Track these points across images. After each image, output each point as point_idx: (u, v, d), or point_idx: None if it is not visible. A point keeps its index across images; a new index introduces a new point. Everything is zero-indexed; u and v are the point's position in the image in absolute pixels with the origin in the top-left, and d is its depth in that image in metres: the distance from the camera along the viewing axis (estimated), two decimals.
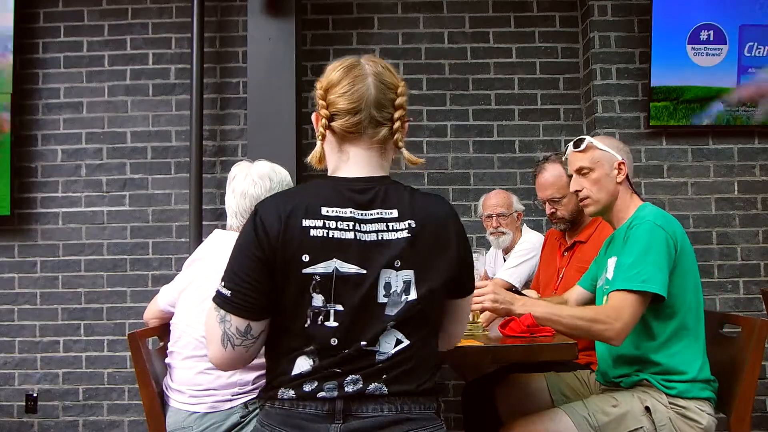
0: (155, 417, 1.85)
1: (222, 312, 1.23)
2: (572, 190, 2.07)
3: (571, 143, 2.09)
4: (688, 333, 1.86)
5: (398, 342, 1.23)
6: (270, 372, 1.28)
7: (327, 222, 1.21)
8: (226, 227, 2.01)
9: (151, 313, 2.07)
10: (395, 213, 1.25)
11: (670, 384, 1.85)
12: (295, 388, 1.22)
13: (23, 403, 3.66)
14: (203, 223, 3.58)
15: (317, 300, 1.20)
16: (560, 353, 1.65)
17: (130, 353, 1.88)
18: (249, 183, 1.94)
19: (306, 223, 1.20)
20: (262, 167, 1.99)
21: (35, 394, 3.65)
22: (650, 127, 3.57)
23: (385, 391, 1.22)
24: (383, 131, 1.31)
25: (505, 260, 3.14)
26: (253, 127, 3.43)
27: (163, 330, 2.05)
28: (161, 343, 2.04)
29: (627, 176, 2.01)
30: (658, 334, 1.86)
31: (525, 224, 3.24)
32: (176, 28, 3.79)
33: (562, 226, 2.66)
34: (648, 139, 3.61)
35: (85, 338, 3.69)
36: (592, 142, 2.02)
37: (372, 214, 1.24)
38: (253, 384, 1.82)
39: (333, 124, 1.31)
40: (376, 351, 1.22)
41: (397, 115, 1.32)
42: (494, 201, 3.13)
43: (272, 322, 1.25)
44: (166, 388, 1.89)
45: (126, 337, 1.90)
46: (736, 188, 3.61)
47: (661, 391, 1.85)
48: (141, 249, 3.71)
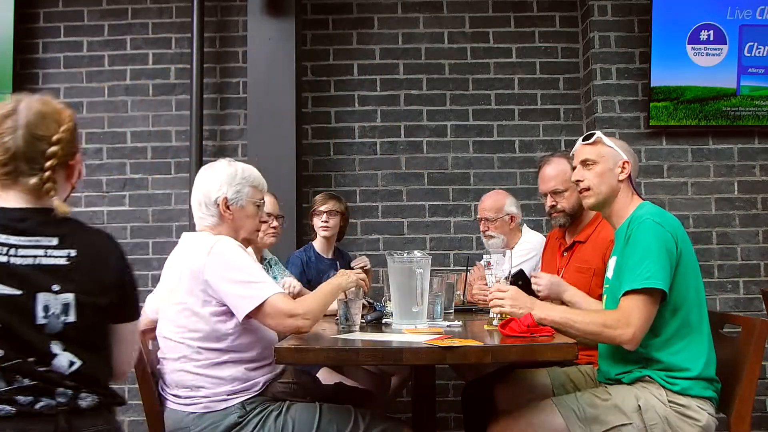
0: (155, 417, 1.85)
1: None
2: (574, 179, 2.10)
3: (581, 137, 2.12)
4: (690, 330, 1.86)
5: (71, 363, 1.30)
6: None
7: None
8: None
9: (143, 324, 2.06)
10: (55, 241, 1.32)
11: (673, 380, 1.85)
12: None
13: None
14: None
15: None
16: (560, 353, 1.65)
17: None
18: (202, 178, 1.98)
19: None
20: (218, 163, 2.01)
21: None
22: (650, 127, 3.57)
23: (55, 407, 1.28)
24: (33, 181, 1.34)
25: None
26: (252, 127, 3.44)
27: None
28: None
29: (630, 176, 2.03)
30: (660, 331, 1.86)
31: (525, 224, 3.24)
32: (176, 28, 3.79)
33: (561, 220, 2.61)
34: (648, 139, 3.61)
35: None
36: (601, 138, 2.06)
37: (29, 240, 1.30)
38: (247, 382, 1.82)
39: None
40: (47, 369, 1.28)
41: (47, 165, 1.34)
42: (484, 204, 3.12)
43: None
44: (163, 390, 1.89)
45: None
46: (736, 188, 3.61)
47: (663, 387, 1.85)
48: (141, 249, 3.71)
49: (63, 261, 1.32)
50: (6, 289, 1.27)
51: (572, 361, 2.12)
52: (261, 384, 1.85)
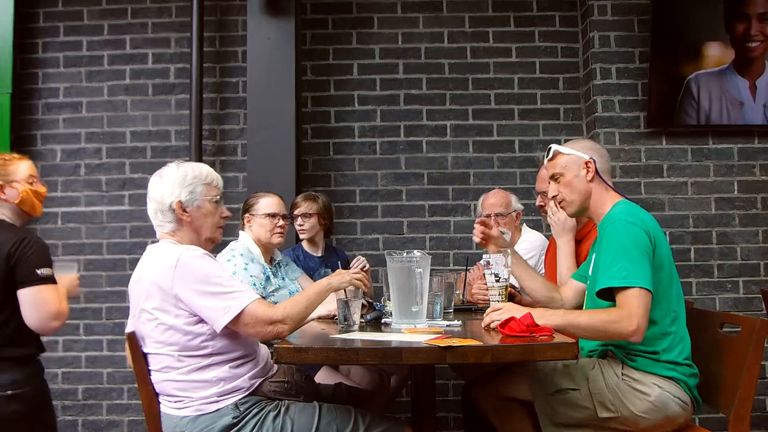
0: (154, 417, 1.84)
1: None
2: (550, 196, 2.19)
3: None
4: (663, 325, 1.90)
5: None
6: None
7: None
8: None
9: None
10: None
11: (632, 357, 1.93)
12: None
13: None
14: None
15: None
16: (560, 353, 1.64)
17: (128, 352, 1.87)
18: (152, 185, 1.96)
19: None
20: (167, 167, 2.00)
21: None
22: (650, 126, 3.57)
23: None
24: None
25: None
26: (252, 127, 3.43)
27: None
28: None
29: (598, 173, 2.07)
30: None
31: (525, 224, 3.24)
32: (176, 27, 3.79)
33: None
34: (648, 139, 3.61)
35: (84, 338, 3.69)
36: (558, 149, 2.14)
37: None
38: (234, 381, 1.80)
39: None
40: None
41: None
42: (492, 200, 3.13)
43: None
44: (157, 395, 1.88)
45: (125, 337, 1.89)
46: (735, 188, 3.61)
47: (621, 362, 1.94)
48: (141, 249, 3.67)
49: None
50: None
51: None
52: (247, 380, 1.83)
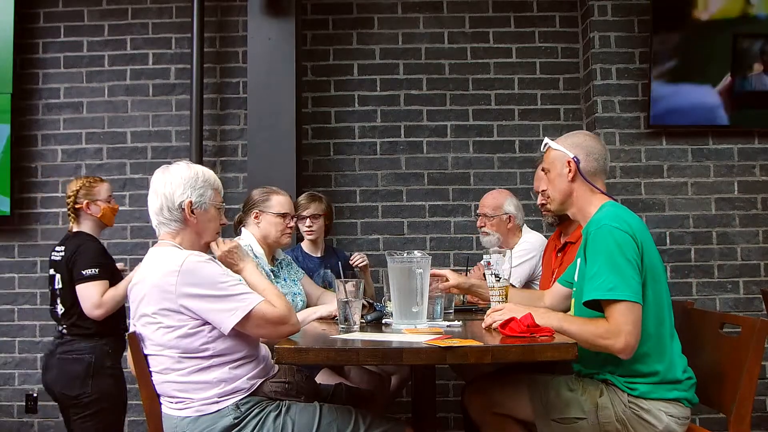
0: (155, 417, 1.84)
1: None
2: (540, 189, 2.21)
3: None
4: (649, 336, 1.83)
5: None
6: None
7: None
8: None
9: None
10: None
11: (633, 385, 1.87)
12: None
13: (23, 403, 3.66)
14: None
15: None
16: (560, 353, 1.64)
17: (130, 353, 1.87)
18: (161, 181, 1.91)
19: None
20: (177, 165, 1.95)
21: (35, 394, 3.65)
22: (650, 127, 3.57)
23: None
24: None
25: None
26: (253, 127, 3.43)
27: None
28: None
29: (581, 173, 1.98)
30: None
31: (525, 224, 3.24)
32: (176, 28, 3.79)
33: (550, 219, 2.77)
34: (648, 139, 3.61)
35: None
36: (549, 144, 2.10)
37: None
38: (234, 382, 1.80)
39: None
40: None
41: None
42: (484, 201, 3.15)
43: None
44: (158, 396, 1.88)
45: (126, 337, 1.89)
46: (736, 188, 3.61)
47: (623, 391, 1.88)
48: (141, 249, 3.71)
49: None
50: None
51: (572, 362, 2.12)
52: (248, 380, 1.83)
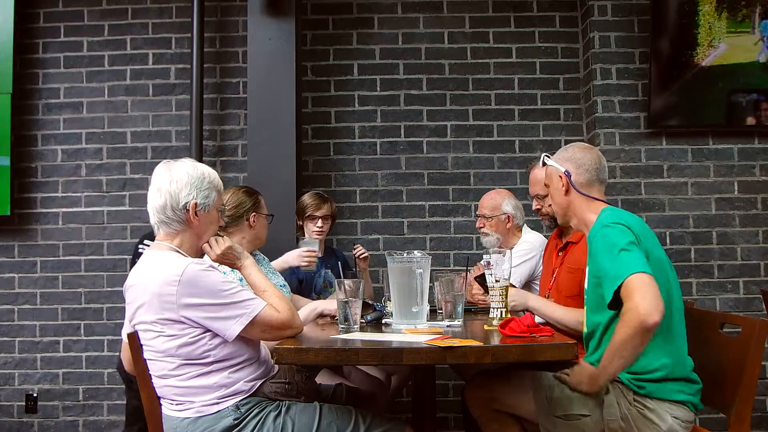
0: (155, 417, 1.84)
1: None
2: (534, 194, 2.35)
3: None
4: (659, 331, 1.78)
5: None
6: None
7: None
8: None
9: (125, 357, 1.98)
10: None
11: (639, 383, 1.87)
12: None
13: (23, 403, 3.66)
14: None
15: None
16: (560, 353, 1.65)
17: (129, 354, 1.87)
18: (166, 179, 1.87)
19: None
20: (182, 164, 1.92)
21: (35, 394, 3.65)
22: (650, 127, 3.57)
23: None
24: None
25: None
26: (253, 127, 3.43)
27: None
28: None
29: (573, 186, 2.04)
30: None
31: (525, 224, 3.24)
32: (176, 28, 3.79)
33: (547, 222, 2.83)
34: (648, 139, 3.61)
35: (85, 338, 3.69)
36: (544, 160, 2.15)
37: None
38: (234, 385, 1.80)
39: None
40: None
41: None
42: (482, 202, 3.16)
43: None
44: (158, 396, 1.88)
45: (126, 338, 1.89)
46: (736, 188, 3.60)
47: (630, 388, 1.88)
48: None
49: None
50: None
51: (571, 362, 2.12)
52: (247, 382, 1.83)
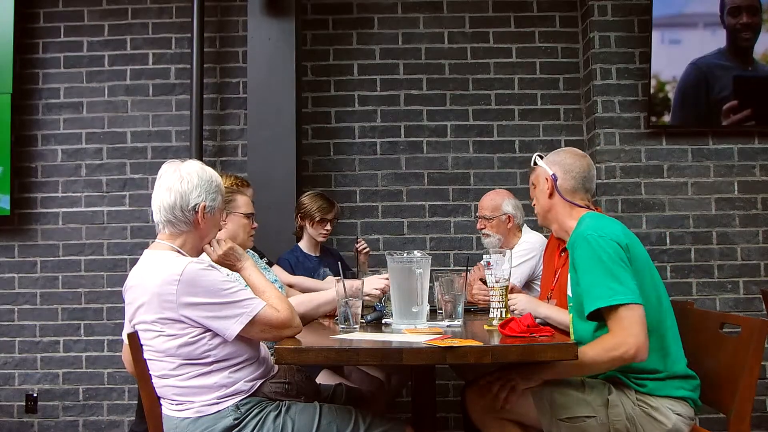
0: (155, 417, 1.84)
1: None
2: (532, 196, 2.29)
3: None
4: (651, 331, 1.83)
5: None
6: None
7: None
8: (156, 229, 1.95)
9: (126, 358, 1.97)
10: None
11: (641, 382, 1.88)
12: None
13: (23, 403, 3.66)
14: None
15: None
16: (560, 353, 1.64)
17: (129, 353, 1.86)
18: (176, 178, 1.89)
19: None
20: (191, 165, 1.94)
21: (35, 394, 3.65)
22: (650, 127, 3.57)
23: None
24: None
25: None
26: (253, 127, 3.43)
27: None
28: None
29: (557, 190, 2.06)
30: None
31: (525, 224, 3.24)
32: (176, 28, 3.79)
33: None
34: (648, 139, 3.61)
35: (85, 338, 3.69)
36: (536, 160, 2.17)
37: None
38: (234, 385, 1.79)
39: None
40: None
41: None
42: (482, 203, 3.16)
43: None
44: (158, 396, 1.88)
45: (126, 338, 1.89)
46: (736, 188, 3.60)
47: (632, 388, 1.89)
48: (141, 249, 3.67)
49: None
50: None
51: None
52: (248, 382, 1.82)
